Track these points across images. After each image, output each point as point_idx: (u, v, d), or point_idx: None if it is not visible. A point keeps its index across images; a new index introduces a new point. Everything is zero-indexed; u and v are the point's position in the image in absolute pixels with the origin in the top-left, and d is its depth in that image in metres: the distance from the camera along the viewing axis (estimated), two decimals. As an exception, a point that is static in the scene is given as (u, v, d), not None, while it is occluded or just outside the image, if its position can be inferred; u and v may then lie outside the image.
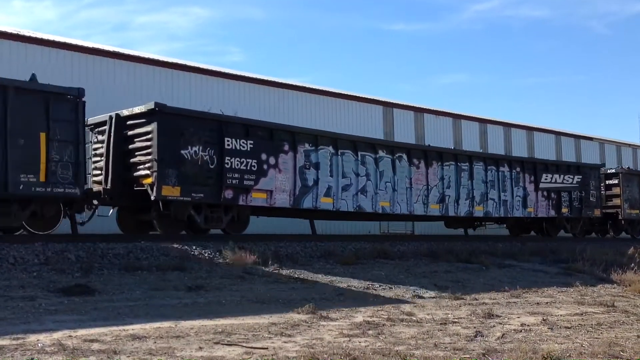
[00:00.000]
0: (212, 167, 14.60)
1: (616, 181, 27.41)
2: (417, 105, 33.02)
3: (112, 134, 14.55)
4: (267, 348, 6.71)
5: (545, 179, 23.68)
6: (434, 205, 19.56)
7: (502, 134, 35.91)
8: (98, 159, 15.02)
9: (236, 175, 14.95)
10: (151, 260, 12.14)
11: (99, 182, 14.67)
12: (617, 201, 27.23)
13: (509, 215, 22.54)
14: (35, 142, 12.35)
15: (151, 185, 13.88)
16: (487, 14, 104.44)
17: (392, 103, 31.62)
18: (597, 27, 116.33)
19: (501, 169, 22.02)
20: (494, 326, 8.75)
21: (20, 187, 12.17)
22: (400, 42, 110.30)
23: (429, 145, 24.07)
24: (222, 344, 6.78)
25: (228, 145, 14.87)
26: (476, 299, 10.85)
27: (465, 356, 6.94)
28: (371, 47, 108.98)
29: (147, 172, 14.01)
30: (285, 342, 7.09)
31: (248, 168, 15.18)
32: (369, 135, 22.87)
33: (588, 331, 8.90)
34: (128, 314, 8.26)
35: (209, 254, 12.77)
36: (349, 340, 7.32)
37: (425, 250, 15.89)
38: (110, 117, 14.64)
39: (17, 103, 12.20)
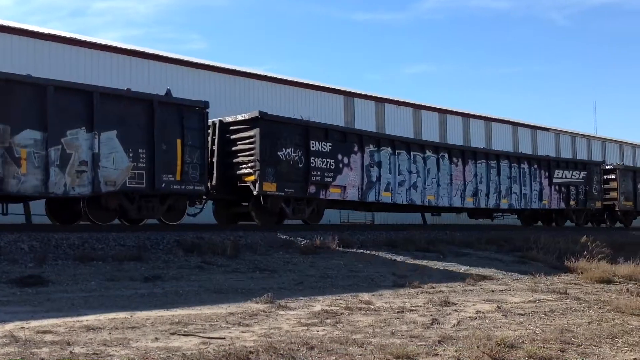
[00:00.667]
0: (300, 166, 17.03)
1: (613, 176, 30.45)
2: (378, 95, 33.18)
3: (216, 138, 16.69)
4: (224, 338, 6.69)
5: (557, 175, 26.62)
6: (469, 198, 22.39)
7: (460, 124, 36.35)
8: None
9: (319, 173, 17.47)
10: (107, 250, 11.98)
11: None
12: (614, 194, 30.31)
13: (528, 207, 25.36)
14: (173, 148, 14.75)
15: (254, 182, 16.11)
16: (449, 4, 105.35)
17: (354, 93, 31.72)
18: (557, 18, 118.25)
19: (522, 165, 24.86)
20: (450, 314, 8.88)
21: (163, 185, 14.52)
22: (364, 32, 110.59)
23: (467, 145, 27.97)
24: (179, 335, 6.74)
25: (313, 147, 17.31)
26: (433, 287, 10.98)
27: (421, 343, 7.03)
28: (335, 36, 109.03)
29: (250, 170, 16.22)
30: (242, 331, 7.08)
31: (327, 167, 17.70)
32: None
33: (541, 318, 9.09)
34: (82, 305, 8.14)
35: (165, 245, 12.66)
36: (307, 330, 7.34)
37: (384, 240, 16.01)
38: (214, 123, 16.80)
39: (160, 115, 14.49)
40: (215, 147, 16.64)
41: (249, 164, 16.17)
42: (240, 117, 16.70)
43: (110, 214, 14.35)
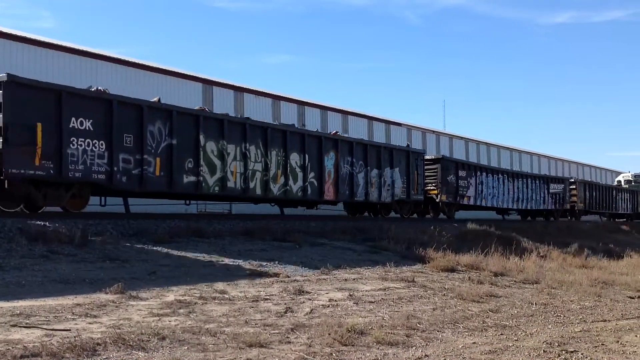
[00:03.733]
0: (455, 185, 29.10)
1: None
2: (238, 85, 33.00)
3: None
4: (69, 330, 6.40)
5: (552, 188, 39.57)
6: (515, 203, 35.46)
7: (319, 116, 36.99)
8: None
9: (463, 188, 29.82)
10: (-60, 238, 11.04)
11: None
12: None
13: (540, 208, 38.31)
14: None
15: (437, 195, 27.99)
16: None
17: (212, 81, 31.34)
18: (411, 17, 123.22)
19: (536, 182, 37.93)
20: (303, 302, 9.02)
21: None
22: (223, 20, 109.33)
23: (516, 170, 42.30)
24: (20, 327, 6.36)
25: (460, 174, 29.59)
26: (288, 277, 11.10)
27: (274, 332, 7.09)
28: (193, 21, 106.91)
29: (434, 188, 28.01)
30: (90, 323, 6.80)
31: (465, 185, 29.94)
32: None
33: (390, 305, 9.47)
34: None
35: (6, 232, 11.86)
36: (159, 320, 7.19)
37: (241, 229, 15.93)
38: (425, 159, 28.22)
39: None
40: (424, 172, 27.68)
41: (433, 184, 28.54)
42: (428, 157, 29.38)
43: None
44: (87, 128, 14.47)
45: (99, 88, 15.34)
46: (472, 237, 20.92)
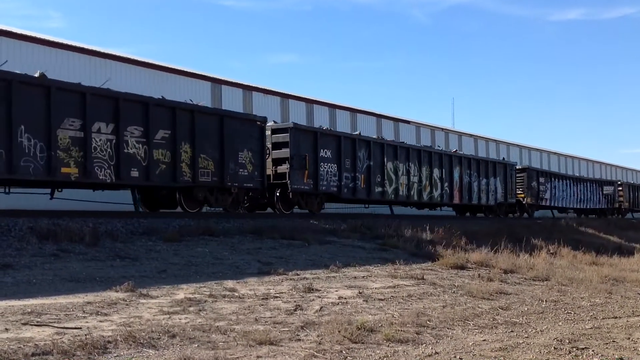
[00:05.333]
0: (537, 189, 35.34)
1: None
2: (246, 83, 32.97)
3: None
4: (80, 328, 6.42)
5: (606, 190, 46.14)
6: (578, 203, 42.02)
7: (327, 114, 36.93)
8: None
9: (542, 192, 36.05)
10: (-49, 237, 11.12)
11: None
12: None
13: (596, 207, 44.65)
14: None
15: (523, 198, 34.55)
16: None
17: (221, 80, 31.32)
18: (418, 15, 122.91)
19: (594, 185, 44.11)
20: (313, 300, 9.02)
21: None
22: (231, 19, 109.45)
23: (579, 176, 48.96)
24: (31, 325, 6.40)
25: (540, 180, 35.36)
26: (298, 274, 11.10)
27: (284, 329, 7.10)
28: (200, 21, 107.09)
29: (522, 192, 33.71)
30: (100, 321, 6.83)
31: (544, 189, 35.34)
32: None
33: (399, 303, 9.46)
34: None
35: (17, 231, 11.92)
36: (169, 318, 7.21)
37: (250, 228, 15.94)
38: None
39: None
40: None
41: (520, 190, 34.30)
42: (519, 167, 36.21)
43: None
44: (328, 156, 21.52)
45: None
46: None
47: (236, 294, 8.94)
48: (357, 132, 24.93)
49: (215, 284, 9.53)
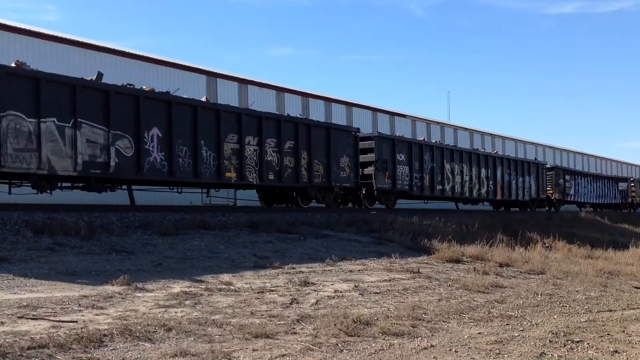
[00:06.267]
0: (563, 186, 37.58)
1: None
2: (242, 77, 32.92)
3: None
4: (76, 321, 6.42)
5: (621, 186, 49.69)
6: (597, 198, 44.89)
7: (323, 108, 36.89)
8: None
9: (568, 188, 39.16)
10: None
11: None
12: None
13: (612, 202, 48.21)
14: None
15: (552, 194, 38.01)
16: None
17: (216, 73, 31.27)
18: (415, 9, 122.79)
19: (610, 181, 47.17)
20: (309, 293, 9.03)
21: None
22: (226, 12, 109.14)
23: (599, 173, 52.57)
24: (27, 318, 6.39)
25: (566, 178, 38.87)
26: (294, 268, 11.11)
27: (280, 323, 7.10)
28: (196, 14, 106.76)
29: (550, 189, 37.77)
30: (96, 314, 6.83)
31: (569, 186, 38.96)
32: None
33: (395, 296, 9.47)
34: None
35: (12, 225, 11.90)
36: (165, 311, 7.21)
37: (246, 221, 15.94)
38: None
39: None
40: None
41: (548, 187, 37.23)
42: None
43: None
44: (402, 159, 25.39)
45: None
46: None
47: (232, 288, 8.94)
48: (421, 138, 31.58)
49: (211, 278, 9.53)
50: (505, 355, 6.58)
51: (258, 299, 8.37)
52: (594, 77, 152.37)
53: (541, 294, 10.94)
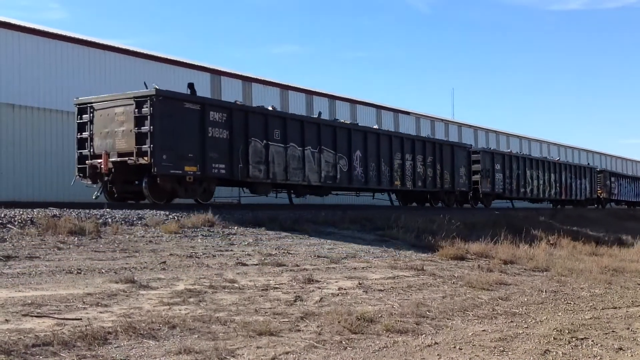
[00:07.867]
0: (609, 187, 47.02)
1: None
2: (246, 74, 32.95)
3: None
4: (80, 319, 6.43)
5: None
6: (635, 197, 52.76)
7: (327, 105, 36.88)
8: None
9: (613, 189, 49.36)
10: (-48, 229, 11.11)
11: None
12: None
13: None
14: None
15: (601, 194, 46.17)
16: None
17: (220, 71, 31.29)
18: (419, 5, 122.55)
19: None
20: (313, 291, 9.03)
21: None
22: (230, 9, 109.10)
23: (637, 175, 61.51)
24: (32, 316, 6.41)
25: (612, 179, 48.72)
26: (298, 266, 11.11)
27: (284, 320, 7.11)
28: (201, 12, 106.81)
29: (600, 189, 46.33)
30: (101, 312, 6.84)
31: (614, 187, 48.98)
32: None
33: (399, 293, 9.47)
34: None
35: (18, 222, 11.93)
36: (169, 309, 7.22)
37: (251, 219, 15.95)
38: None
39: None
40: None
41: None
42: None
43: None
44: (498, 168, 32.99)
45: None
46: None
47: (236, 285, 8.95)
48: (508, 150, 42.33)
49: (215, 275, 9.54)
50: (510, 353, 6.58)
51: (262, 296, 8.38)
52: (597, 74, 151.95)
53: (545, 291, 10.92)
